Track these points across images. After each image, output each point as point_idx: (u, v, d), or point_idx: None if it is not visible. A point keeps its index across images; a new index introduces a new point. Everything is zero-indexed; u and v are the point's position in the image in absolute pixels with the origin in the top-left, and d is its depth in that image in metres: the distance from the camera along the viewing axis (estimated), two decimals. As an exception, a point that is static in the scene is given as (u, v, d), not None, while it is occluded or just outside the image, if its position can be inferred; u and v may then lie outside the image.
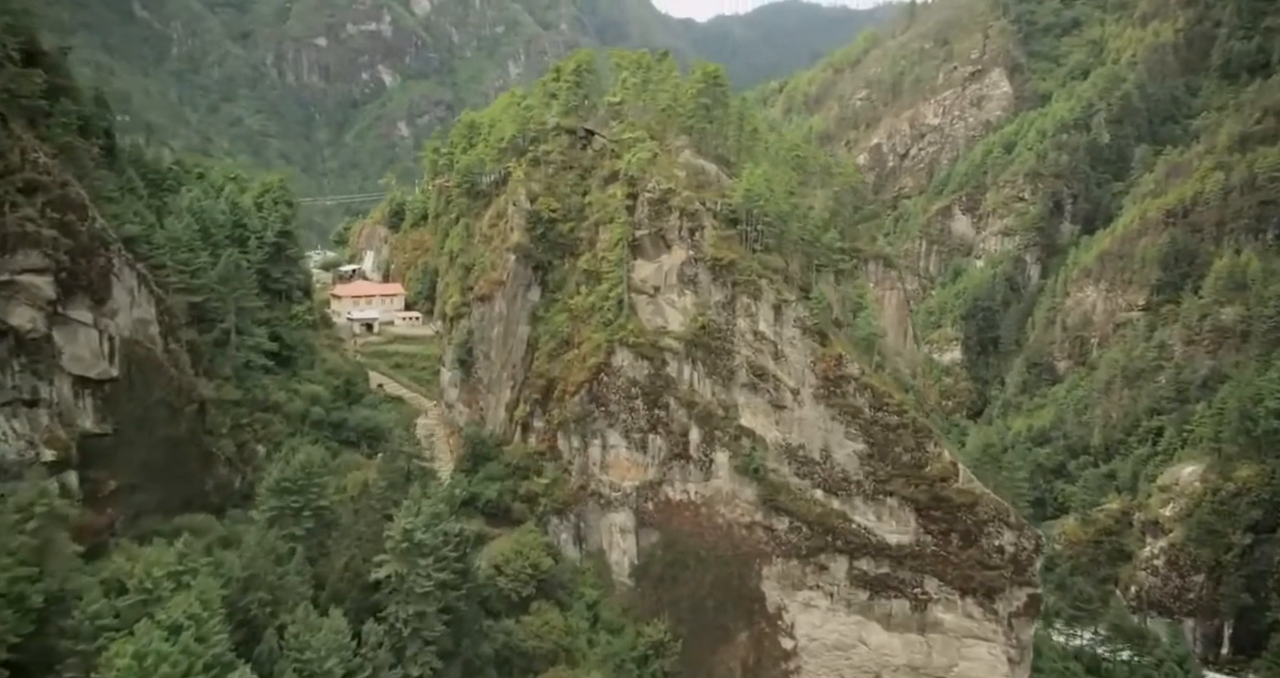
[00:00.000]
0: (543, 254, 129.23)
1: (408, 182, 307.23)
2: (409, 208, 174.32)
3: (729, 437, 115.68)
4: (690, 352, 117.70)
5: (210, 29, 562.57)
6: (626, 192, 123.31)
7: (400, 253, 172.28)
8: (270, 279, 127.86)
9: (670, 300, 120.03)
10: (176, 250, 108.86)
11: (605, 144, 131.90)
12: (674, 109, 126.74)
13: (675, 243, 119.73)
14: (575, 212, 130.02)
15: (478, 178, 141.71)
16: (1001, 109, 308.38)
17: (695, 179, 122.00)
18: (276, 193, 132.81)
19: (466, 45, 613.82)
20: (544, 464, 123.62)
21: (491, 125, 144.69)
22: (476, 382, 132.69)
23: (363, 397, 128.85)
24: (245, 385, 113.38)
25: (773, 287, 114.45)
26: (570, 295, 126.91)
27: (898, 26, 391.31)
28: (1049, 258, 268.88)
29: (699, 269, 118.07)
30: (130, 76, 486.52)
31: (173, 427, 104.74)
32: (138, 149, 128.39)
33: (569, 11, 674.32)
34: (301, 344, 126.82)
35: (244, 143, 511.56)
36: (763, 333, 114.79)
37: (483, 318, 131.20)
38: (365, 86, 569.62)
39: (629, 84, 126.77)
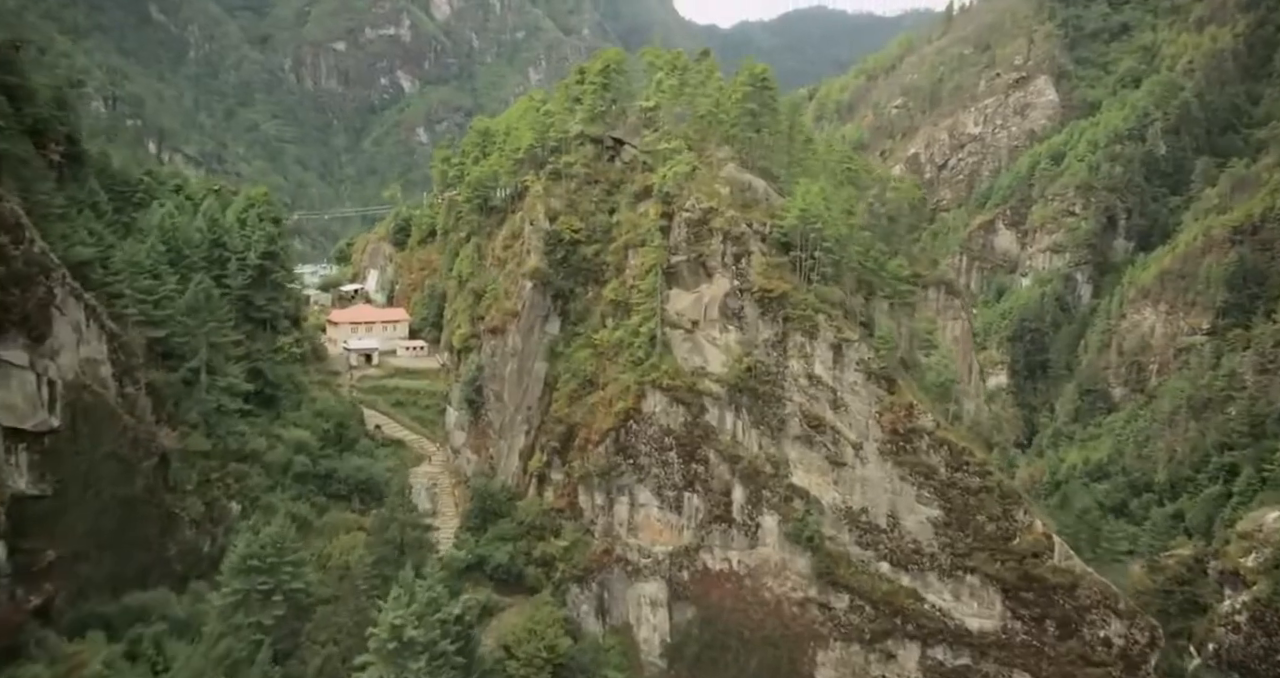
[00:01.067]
0: (563, 281, 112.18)
1: (425, 190, 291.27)
2: (416, 223, 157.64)
3: (778, 497, 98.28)
4: (734, 397, 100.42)
5: (228, 33, 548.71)
6: (661, 210, 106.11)
7: (406, 273, 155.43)
8: (253, 307, 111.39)
9: (711, 337, 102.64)
10: (137, 276, 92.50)
11: (636, 155, 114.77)
12: (716, 116, 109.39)
13: (717, 271, 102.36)
14: (601, 233, 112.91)
15: (491, 192, 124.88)
16: (1047, 118, 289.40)
17: (740, 197, 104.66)
18: (261, 208, 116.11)
19: (487, 51, 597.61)
20: (562, 523, 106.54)
21: (507, 133, 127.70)
22: (486, 425, 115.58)
23: (356, 442, 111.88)
24: (217, 433, 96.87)
25: (831, 323, 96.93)
26: (595, 329, 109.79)
27: (934, 31, 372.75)
28: (1101, 277, 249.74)
29: (745, 302, 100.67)
30: (145, 80, 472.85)
31: (126, 485, 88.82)
32: (105, 157, 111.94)
33: (591, 17, 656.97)
34: (287, 382, 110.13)
35: (260, 149, 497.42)
36: (819, 377, 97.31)
37: (494, 352, 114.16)
38: (384, 92, 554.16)
39: (664, 87, 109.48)
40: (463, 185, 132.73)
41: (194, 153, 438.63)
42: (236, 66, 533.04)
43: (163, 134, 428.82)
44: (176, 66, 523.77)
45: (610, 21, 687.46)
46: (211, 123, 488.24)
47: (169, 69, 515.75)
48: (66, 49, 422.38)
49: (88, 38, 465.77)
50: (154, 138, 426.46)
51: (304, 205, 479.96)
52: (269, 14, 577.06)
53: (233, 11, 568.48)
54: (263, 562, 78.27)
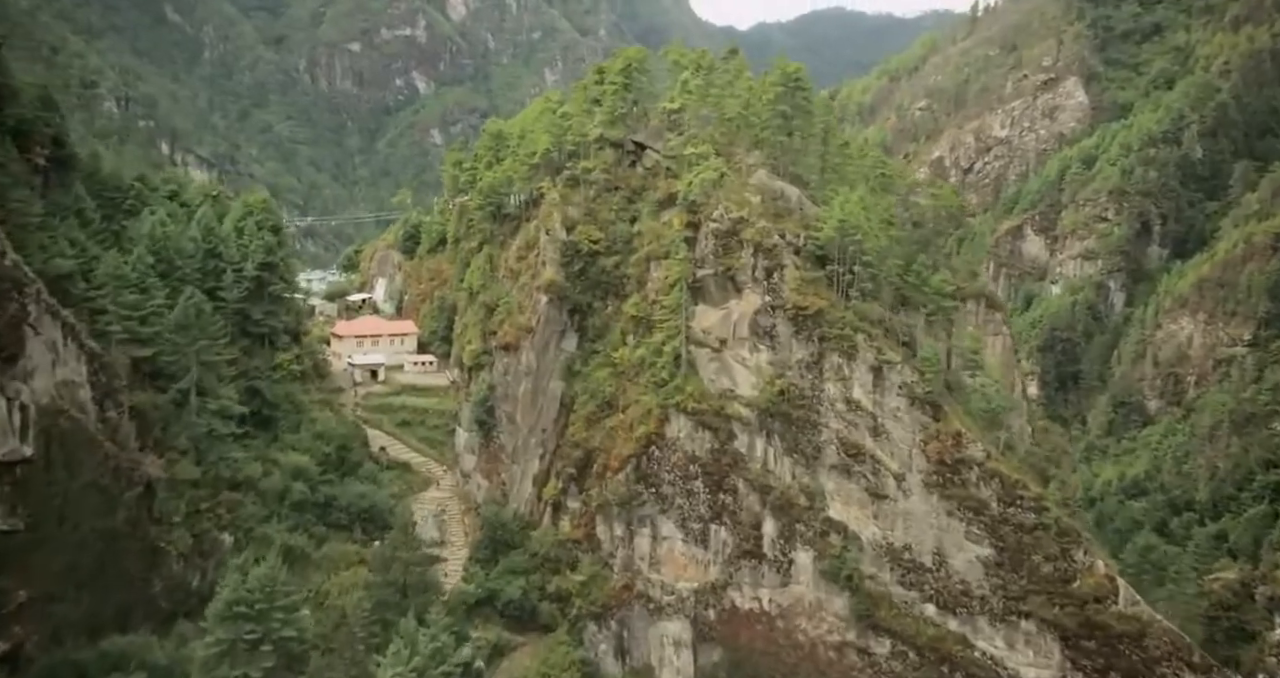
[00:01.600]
0: (581, 295, 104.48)
1: (437, 194, 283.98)
2: (425, 230, 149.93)
3: (814, 532, 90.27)
4: (765, 422, 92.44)
5: (243, 33, 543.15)
6: (686, 220, 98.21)
7: (415, 282, 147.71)
8: (249, 322, 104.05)
9: (740, 357, 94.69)
10: (122, 290, 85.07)
11: (659, 161, 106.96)
12: (745, 118, 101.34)
13: (747, 286, 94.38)
14: (621, 243, 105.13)
15: (504, 199, 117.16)
16: (1076, 121, 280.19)
17: (772, 206, 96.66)
18: (259, 216, 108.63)
19: (502, 52, 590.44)
20: (579, 556, 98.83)
21: (522, 136, 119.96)
22: (498, 448, 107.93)
23: (359, 466, 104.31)
24: (207, 460, 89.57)
25: (871, 344, 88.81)
26: (614, 347, 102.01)
27: (959, 32, 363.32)
28: (1135, 285, 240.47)
29: (777, 319, 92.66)
30: (159, 81, 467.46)
31: (107, 517, 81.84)
32: (95, 160, 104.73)
33: (608, 17, 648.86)
34: (285, 401, 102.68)
35: (273, 150, 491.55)
36: (858, 401, 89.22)
37: (507, 371, 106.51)
38: (399, 93, 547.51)
39: (690, 88, 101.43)
40: (474, 191, 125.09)
41: (206, 154, 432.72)
42: (251, 67, 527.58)
43: (175, 135, 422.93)
44: (191, 67, 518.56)
45: (627, 22, 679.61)
46: (225, 124, 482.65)
47: (183, 70, 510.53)
48: (80, 49, 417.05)
49: (102, 38, 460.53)
50: (166, 139, 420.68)
51: (317, 207, 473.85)
52: (284, 14, 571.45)
53: (248, 12, 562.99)
54: (251, 608, 70.87)
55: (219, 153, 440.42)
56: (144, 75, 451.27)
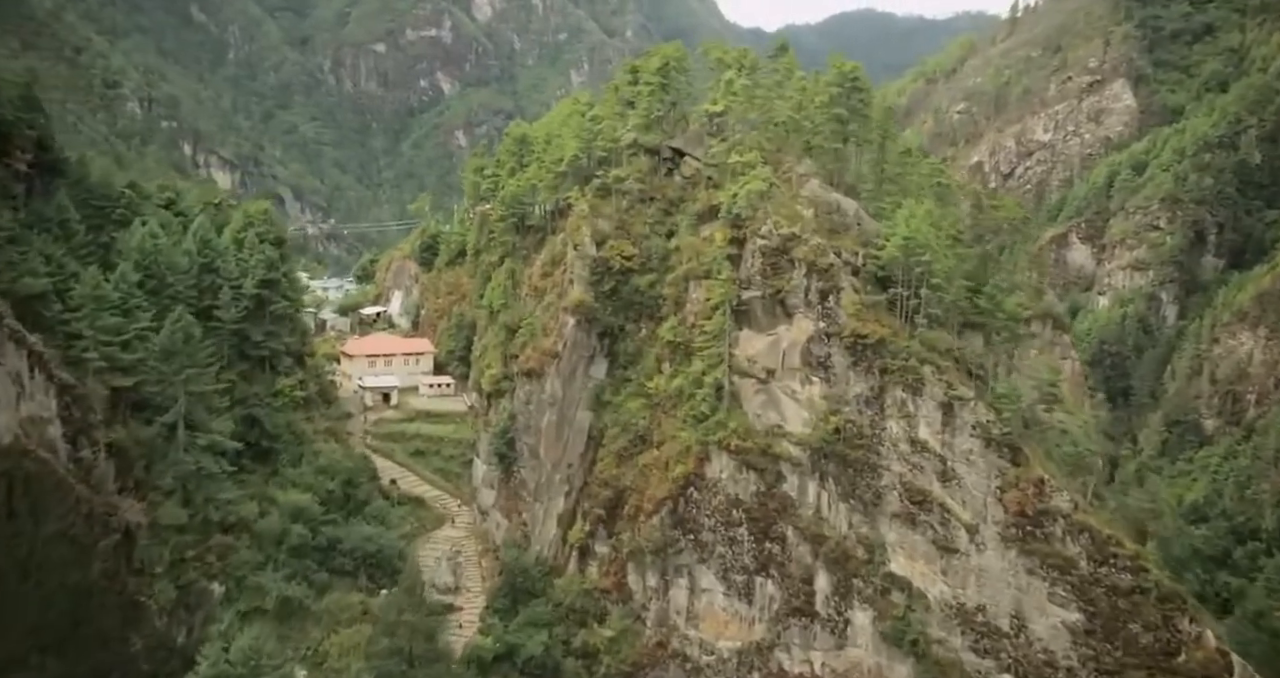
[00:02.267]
0: (612, 317, 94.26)
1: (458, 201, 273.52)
2: (444, 240, 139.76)
3: (873, 588, 79.60)
4: (818, 463, 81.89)
5: (268, 34, 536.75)
6: (729, 236, 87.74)
7: (432, 297, 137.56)
8: (248, 344, 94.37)
9: (790, 390, 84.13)
10: (101, 312, 75.21)
11: (699, 170, 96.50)
12: (797, 123, 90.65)
13: (799, 310, 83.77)
14: (657, 260, 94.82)
15: (528, 209, 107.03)
16: (1124, 124, 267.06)
17: (827, 221, 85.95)
18: (260, 228, 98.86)
19: (528, 52, 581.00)
20: (608, 608, 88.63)
21: (548, 141, 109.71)
22: (519, 484, 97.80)
23: (366, 504, 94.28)
24: (195, 501, 79.78)
25: (940, 377, 77.96)
26: (649, 375, 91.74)
27: (998, 33, 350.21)
28: (1189, 297, 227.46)
29: (832, 348, 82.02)
30: (183, 82, 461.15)
31: (79, 570, 72.28)
32: (83, 166, 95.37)
33: (635, 18, 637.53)
34: (286, 432, 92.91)
35: (297, 151, 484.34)
36: (924, 442, 78.47)
37: (530, 399, 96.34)
38: (423, 94, 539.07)
39: (735, 88, 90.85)
40: (496, 201, 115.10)
41: (230, 155, 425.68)
42: (276, 68, 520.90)
43: (198, 136, 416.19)
44: (215, 68, 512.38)
45: (654, 23, 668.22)
46: (249, 125, 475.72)
47: (208, 70, 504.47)
48: (103, 49, 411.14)
49: (126, 38, 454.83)
50: (189, 140, 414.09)
51: (340, 209, 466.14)
52: (310, 15, 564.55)
53: (273, 12, 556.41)
54: (234, 685, 61.13)
55: (242, 154, 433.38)
56: (168, 76, 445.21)
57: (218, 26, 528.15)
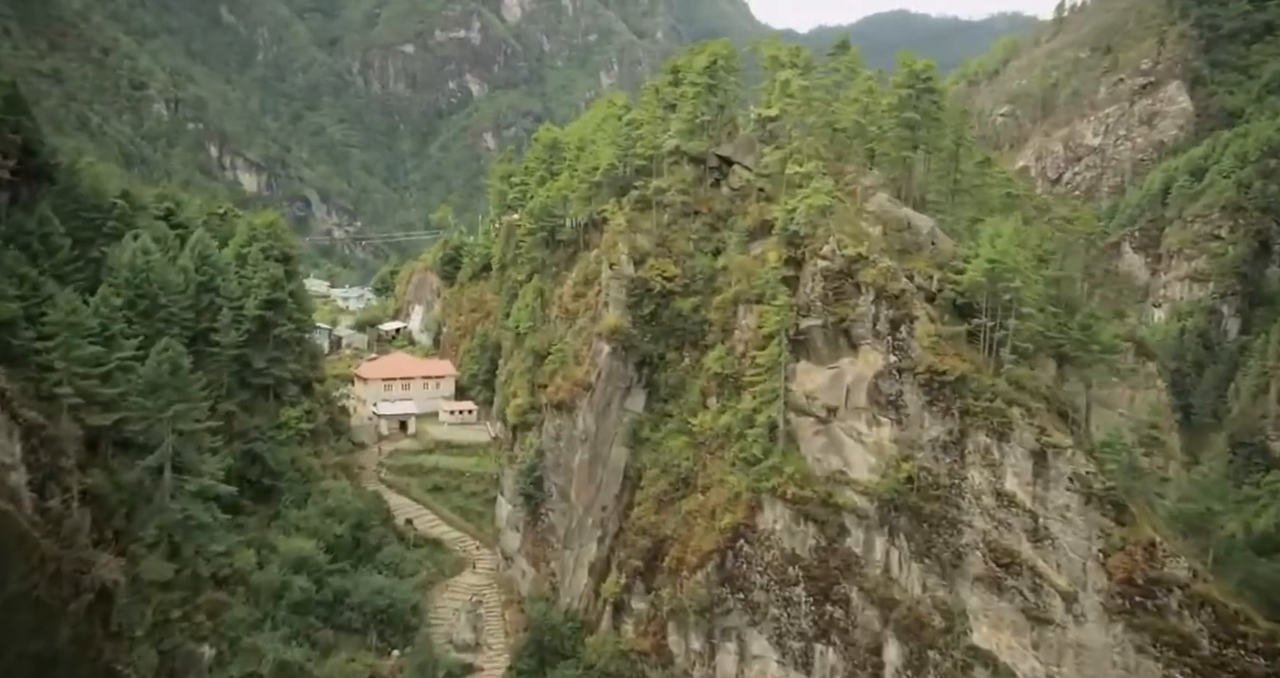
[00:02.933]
0: (651, 344, 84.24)
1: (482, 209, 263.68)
2: (468, 253, 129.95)
3: (952, 663, 68.91)
4: (887, 516, 71.48)
5: (296, 35, 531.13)
6: (785, 255, 77.48)
7: (455, 313, 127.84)
8: (250, 371, 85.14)
9: (855, 431, 73.77)
10: (77, 340, 65.91)
11: (750, 180, 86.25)
12: (863, 129, 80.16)
13: (866, 341, 73.40)
14: (702, 281, 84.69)
15: (559, 222, 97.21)
16: (1179, 128, 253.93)
17: (897, 239, 75.50)
18: (265, 243, 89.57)
19: (557, 54, 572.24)
20: (646, 672, 78.53)
21: (581, 148, 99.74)
22: (547, 529, 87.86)
23: (378, 550, 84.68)
24: (184, 554, 70.43)
25: (1031, 421, 67.26)
26: (693, 410, 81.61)
27: (1042, 33, 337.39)
28: (1253, 310, 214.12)
29: (905, 385, 71.56)
30: (211, 83, 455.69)
31: (46, 636, 63.36)
32: (74, 173, 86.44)
33: (665, 20, 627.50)
34: (290, 469, 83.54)
35: (324, 153, 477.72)
36: (1012, 495, 67.77)
37: (559, 434, 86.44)
38: (451, 96, 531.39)
39: (792, 90, 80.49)
40: (524, 211, 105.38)
41: (256, 157, 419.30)
42: (304, 69, 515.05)
43: (224, 138, 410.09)
44: (244, 69, 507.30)
45: (684, 25, 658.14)
46: (276, 127, 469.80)
47: (236, 72, 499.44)
48: (130, 50, 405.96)
49: (155, 39, 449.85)
50: (215, 142, 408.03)
51: (367, 212, 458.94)
52: (339, 16, 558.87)
53: (302, 13, 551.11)
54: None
55: (269, 156, 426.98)
56: (196, 77, 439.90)
57: (247, 27, 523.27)
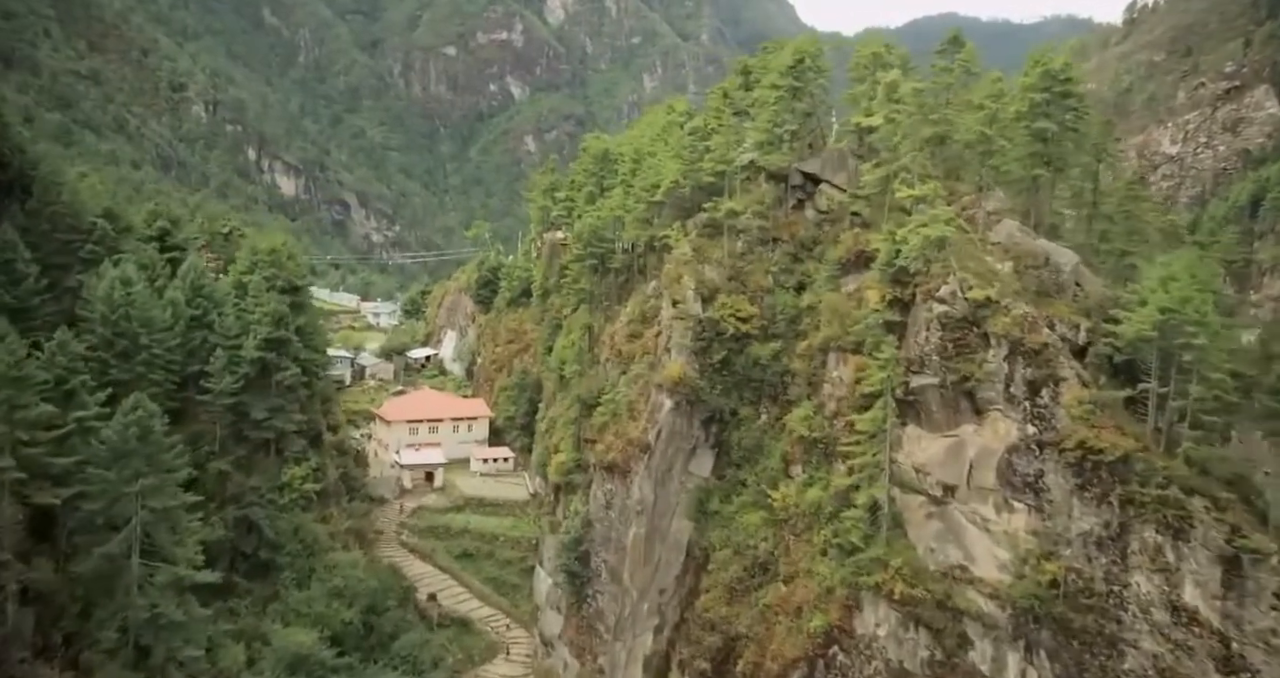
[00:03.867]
0: (722, 397, 69.71)
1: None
2: (506, 276, 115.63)
3: None
4: (1023, 627, 56.36)
5: (338, 36, 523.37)
6: (889, 295, 62.78)
7: (490, 342, 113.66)
8: (246, 422, 71.82)
9: (980, 517, 58.83)
10: (24, 398, 52.61)
11: (842, 203, 71.50)
12: (988, 141, 65.16)
13: (996, 405, 58.40)
14: (784, 323, 70.07)
15: (610, 247, 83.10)
16: (1266, 135, 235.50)
17: (1034, 279, 60.36)
18: (268, 270, 76.13)
19: (600, 56, 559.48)
20: (714, 802, 64.00)
21: (637, 160, 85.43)
22: (594, 615, 73.55)
23: (394, 638, 70.86)
24: (151, 660, 56.66)
25: (1219, 516, 51.89)
26: (772, 480, 67.00)
27: (1111, 36, 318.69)
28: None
29: (1048, 463, 56.48)
30: (252, 85, 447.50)
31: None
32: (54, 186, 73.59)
33: (710, 22, 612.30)
34: (293, 540, 70.05)
35: (363, 156, 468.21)
36: (1194, 611, 52.35)
37: (609, 502, 72.22)
38: (492, 99, 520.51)
39: (900, 95, 65.73)
40: (570, 232, 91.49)
41: (294, 160, 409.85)
42: (345, 71, 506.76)
43: (263, 140, 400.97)
44: (285, 71, 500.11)
45: (730, 27, 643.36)
46: (316, 129, 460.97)
47: (276, 74, 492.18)
48: (171, 52, 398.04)
49: (197, 40, 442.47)
50: (254, 144, 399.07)
51: (406, 216, 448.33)
52: (380, 18, 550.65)
53: (344, 15, 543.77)
54: None
55: (308, 159, 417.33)
56: (236, 79, 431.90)
57: (289, 29, 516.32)
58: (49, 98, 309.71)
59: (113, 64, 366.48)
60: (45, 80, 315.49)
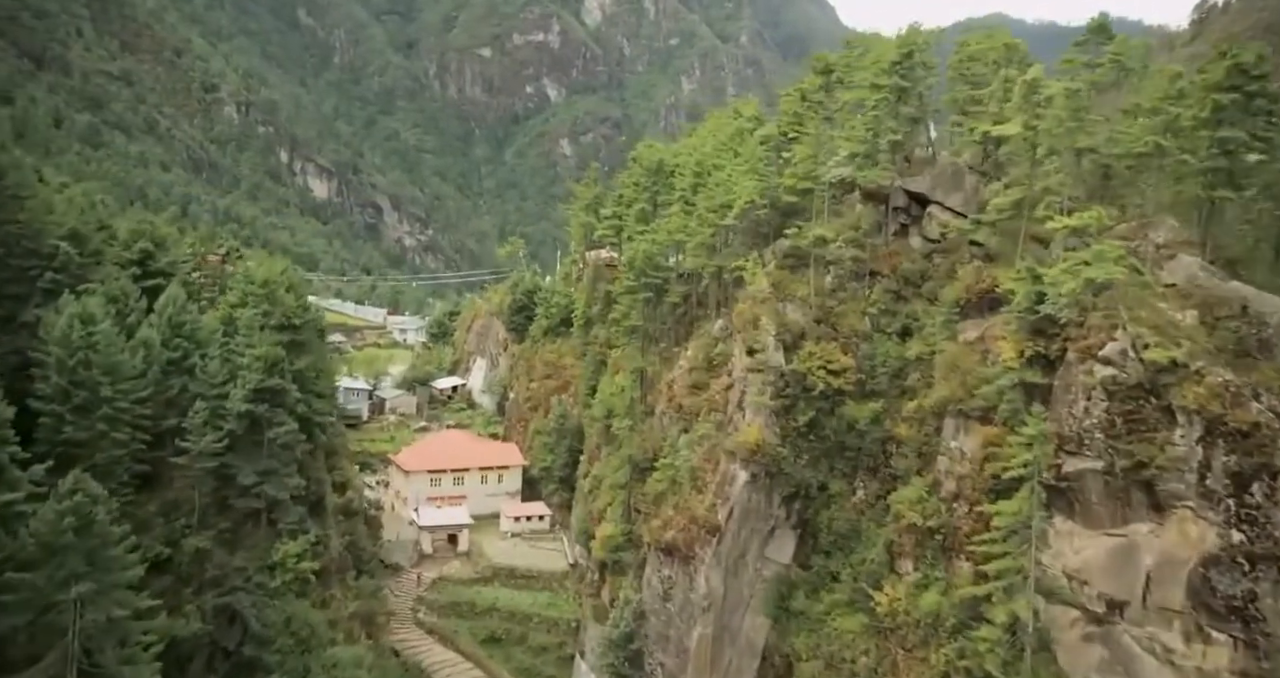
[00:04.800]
0: (808, 469, 56.13)
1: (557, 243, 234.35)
2: (542, 301, 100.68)
3: None
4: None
5: (373, 37, 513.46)
6: (1030, 350, 48.91)
7: (524, 376, 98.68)
8: (234, 489, 58.96)
9: (1159, 645, 45.01)
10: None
11: (959, 230, 57.64)
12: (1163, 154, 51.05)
13: (1186, 502, 44.50)
14: (886, 378, 56.40)
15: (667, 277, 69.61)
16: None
17: (1228, 335, 46.27)
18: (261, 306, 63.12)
19: (638, 58, 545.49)
20: None
21: (700, 174, 71.52)
22: (649, 729, 60.12)
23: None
24: None
25: None
26: (873, 575, 53.24)
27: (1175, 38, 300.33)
28: None
29: (1262, 583, 42.67)
30: (285, 86, 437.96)
31: None
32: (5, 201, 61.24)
33: (750, 24, 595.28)
34: (284, 633, 56.87)
35: (397, 159, 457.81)
36: None
37: (667, 591, 58.71)
38: (528, 100, 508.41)
39: (1051, 94, 51.59)
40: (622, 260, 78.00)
41: (327, 163, 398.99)
42: (380, 73, 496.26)
43: (295, 142, 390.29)
44: (320, 72, 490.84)
45: (769, 29, 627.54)
46: (349, 131, 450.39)
47: (311, 75, 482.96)
48: (204, 52, 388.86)
49: (230, 41, 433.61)
50: (286, 146, 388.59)
51: (439, 220, 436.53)
52: (416, 19, 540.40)
53: (380, 16, 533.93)
54: None
55: (341, 161, 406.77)
56: (270, 80, 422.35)
57: (324, 30, 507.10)
58: (80, 98, 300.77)
59: (145, 64, 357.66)
60: (76, 81, 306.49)
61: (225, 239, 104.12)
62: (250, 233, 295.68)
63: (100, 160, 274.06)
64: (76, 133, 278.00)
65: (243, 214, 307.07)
